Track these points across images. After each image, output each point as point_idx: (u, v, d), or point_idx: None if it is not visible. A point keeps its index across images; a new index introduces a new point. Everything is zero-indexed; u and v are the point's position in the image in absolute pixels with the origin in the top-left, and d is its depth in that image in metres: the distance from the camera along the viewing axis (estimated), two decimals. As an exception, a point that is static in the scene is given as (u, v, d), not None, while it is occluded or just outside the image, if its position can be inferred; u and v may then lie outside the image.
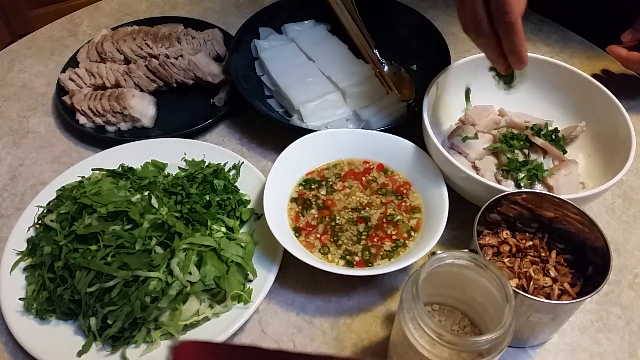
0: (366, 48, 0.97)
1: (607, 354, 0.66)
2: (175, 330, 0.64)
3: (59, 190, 0.74)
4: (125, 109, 0.86)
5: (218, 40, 0.99)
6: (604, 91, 0.76)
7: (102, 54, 0.96)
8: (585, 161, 0.78)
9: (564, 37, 1.04)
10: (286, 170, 0.76)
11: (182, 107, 0.93)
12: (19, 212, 0.76)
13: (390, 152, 0.79)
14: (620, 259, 0.74)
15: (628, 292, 0.71)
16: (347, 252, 0.71)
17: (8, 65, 1.02)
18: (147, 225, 0.66)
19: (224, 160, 0.80)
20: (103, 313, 0.62)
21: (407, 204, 0.75)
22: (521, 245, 0.64)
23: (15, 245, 0.71)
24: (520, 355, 0.65)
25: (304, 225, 0.73)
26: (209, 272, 0.65)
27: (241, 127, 0.91)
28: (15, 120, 0.93)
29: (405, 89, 0.93)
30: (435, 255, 0.53)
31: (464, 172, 0.68)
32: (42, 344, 0.64)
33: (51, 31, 1.09)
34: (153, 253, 0.65)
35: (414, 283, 0.51)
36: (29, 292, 0.67)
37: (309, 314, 0.69)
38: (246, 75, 0.92)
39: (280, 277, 0.70)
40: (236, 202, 0.74)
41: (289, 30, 0.99)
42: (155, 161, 0.80)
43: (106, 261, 0.63)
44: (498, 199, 0.64)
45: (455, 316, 0.61)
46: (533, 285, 0.60)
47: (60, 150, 0.88)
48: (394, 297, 0.70)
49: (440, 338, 0.50)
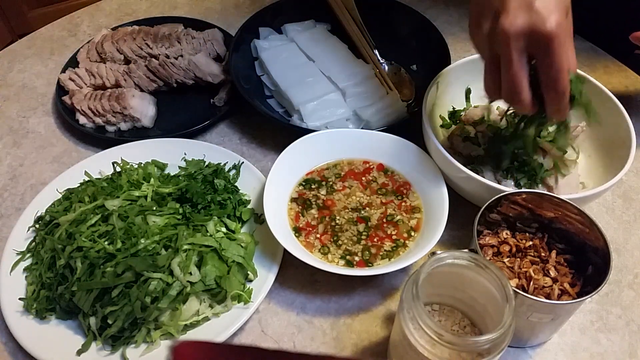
0: (366, 48, 0.97)
1: (607, 354, 0.66)
2: (175, 330, 0.64)
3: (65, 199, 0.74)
4: (125, 109, 0.86)
5: (218, 40, 0.99)
6: (604, 91, 0.76)
7: (102, 54, 0.96)
8: (585, 161, 0.78)
9: (564, 37, 1.04)
10: (286, 170, 0.76)
11: (182, 107, 0.93)
12: (19, 212, 0.76)
13: (390, 152, 0.79)
14: (620, 259, 0.74)
15: (628, 292, 0.71)
16: (347, 252, 0.71)
17: (8, 65, 1.02)
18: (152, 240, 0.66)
19: (224, 160, 0.80)
20: (103, 313, 0.62)
21: (407, 204, 0.75)
22: (521, 245, 0.64)
23: (15, 245, 0.71)
24: (520, 355, 0.65)
25: (304, 225, 0.73)
26: (209, 272, 0.65)
27: (241, 127, 0.91)
28: (15, 120, 0.93)
29: (405, 89, 0.93)
30: (435, 255, 0.53)
31: (464, 172, 0.68)
32: (42, 344, 0.64)
33: (51, 31, 1.09)
34: (155, 255, 0.65)
35: (414, 283, 0.51)
36: (29, 292, 0.67)
37: (309, 314, 0.69)
38: (246, 75, 0.92)
39: (280, 277, 0.70)
40: (236, 202, 0.74)
41: (289, 30, 0.99)
42: (155, 161, 0.80)
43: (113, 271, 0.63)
44: (498, 199, 0.64)
45: (455, 316, 0.61)
46: (533, 285, 0.60)
47: (60, 150, 0.88)
48: (394, 297, 0.70)
49: (440, 338, 0.50)
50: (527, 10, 0.53)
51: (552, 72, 0.55)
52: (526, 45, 0.55)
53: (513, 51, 0.55)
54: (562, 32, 0.54)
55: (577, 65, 0.59)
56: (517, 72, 0.56)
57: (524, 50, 0.55)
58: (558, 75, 0.55)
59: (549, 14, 0.53)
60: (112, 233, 0.66)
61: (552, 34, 0.53)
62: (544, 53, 0.55)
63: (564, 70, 0.55)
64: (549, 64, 0.55)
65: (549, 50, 0.54)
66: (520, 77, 0.56)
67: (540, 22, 0.53)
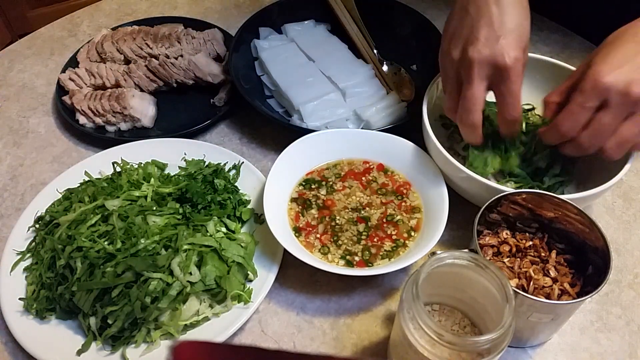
0: (366, 48, 0.97)
1: (607, 354, 0.66)
2: (175, 330, 0.64)
3: (66, 200, 0.74)
4: (125, 109, 0.86)
5: (218, 40, 0.99)
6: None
7: (102, 54, 0.96)
8: (586, 161, 0.78)
9: (565, 37, 1.04)
10: (286, 170, 0.76)
11: (182, 107, 0.93)
12: (19, 212, 0.76)
13: (390, 152, 0.79)
14: (620, 259, 0.74)
15: (628, 292, 0.71)
16: (347, 252, 0.71)
17: (8, 65, 1.02)
18: (152, 240, 0.66)
19: (224, 160, 0.80)
20: (103, 313, 0.62)
21: (407, 204, 0.75)
22: (521, 245, 0.64)
23: (15, 246, 0.71)
24: (520, 355, 0.65)
25: (304, 225, 0.73)
26: (209, 272, 0.65)
27: (241, 127, 0.91)
28: (15, 120, 0.93)
29: (406, 89, 0.93)
30: (435, 255, 0.53)
31: (464, 172, 0.68)
32: (42, 344, 0.64)
33: (51, 31, 1.09)
34: (155, 255, 0.65)
35: (414, 283, 0.51)
36: (29, 292, 0.67)
37: (309, 314, 0.69)
38: (246, 75, 0.92)
39: (280, 277, 0.70)
40: (236, 202, 0.74)
41: (289, 30, 0.99)
42: (155, 161, 0.80)
43: (113, 271, 0.63)
44: (498, 199, 0.64)
45: (455, 316, 0.61)
46: (533, 285, 0.60)
47: (60, 150, 0.88)
48: (394, 297, 0.70)
49: (440, 338, 0.50)
50: (492, 44, 0.62)
51: (508, 97, 0.64)
52: (487, 73, 0.64)
53: (476, 75, 0.63)
54: (519, 66, 0.63)
55: (577, 65, 0.60)
56: (475, 93, 0.64)
57: (485, 77, 0.64)
58: (513, 103, 0.65)
59: (509, 50, 0.62)
60: (112, 233, 0.65)
61: (508, 65, 0.62)
62: (501, 81, 0.64)
63: (518, 99, 0.65)
64: (506, 92, 0.64)
65: (507, 79, 0.63)
66: (477, 98, 0.64)
67: (501, 55, 0.62)
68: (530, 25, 0.66)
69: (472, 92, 0.64)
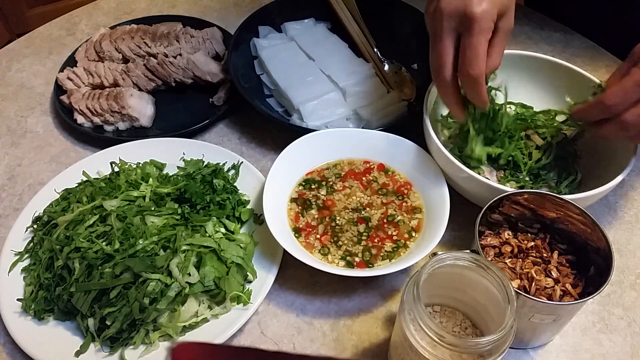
0: (367, 47, 0.96)
1: (609, 355, 0.65)
2: (174, 331, 0.63)
3: (64, 201, 0.73)
4: (124, 108, 0.86)
5: (217, 39, 0.98)
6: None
7: (101, 53, 0.96)
8: (587, 161, 0.78)
9: (566, 36, 1.03)
10: (286, 170, 0.75)
11: (181, 107, 0.92)
12: (17, 213, 0.76)
13: (391, 151, 0.78)
14: (622, 260, 0.74)
15: (630, 293, 0.71)
16: (347, 252, 0.70)
17: (6, 65, 1.01)
18: (150, 241, 0.65)
19: (223, 160, 0.79)
20: (101, 314, 0.62)
21: (408, 204, 0.75)
22: (523, 245, 0.64)
23: (13, 246, 0.71)
24: (521, 356, 0.65)
25: (304, 225, 0.73)
26: (208, 273, 0.64)
27: (240, 126, 0.90)
28: (13, 119, 0.92)
29: (406, 88, 0.93)
30: (437, 256, 0.53)
31: (466, 172, 0.68)
32: (40, 345, 0.63)
33: (49, 30, 1.08)
34: (153, 255, 0.65)
35: (415, 284, 0.51)
36: (27, 293, 0.67)
37: (308, 315, 0.69)
38: (245, 75, 0.91)
39: (280, 278, 0.70)
40: (235, 202, 0.74)
41: (288, 28, 0.99)
42: (153, 161, 0.79)
43: (111, 272, 0.62)
44: (500, 199, 0.63)
45: (456, 317, 0.61)
46: (535, 286, 0.60)
47: (58, 150, 0.88)
48: (394, 298, 0.70)
49: (442, 339, 0.49)
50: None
51: (467, 53, 0.60)
52: (456, 25, 0.61)
53: (444, 28, 0.61)
54: (486, 19, 0.59)
55: (579, 64, 0.59)
56: (444, 47, 0.61)
57: (453, 29, 0.61)
58: (472, 59, 0.60)
59: (479, 2, 0.59)
60: (110, 234, 0.65)
61: (475, 16, 0.58)
62: (466, 33, 0.60)
63: (479, 55, 0.60)
64: (467, 45, 0.60)
65: (470, 31, 0.59)
66: (445, 52, 0.61)
67: (470, 4, 0.59)
68: None
69: (439, 46, 0.62)
